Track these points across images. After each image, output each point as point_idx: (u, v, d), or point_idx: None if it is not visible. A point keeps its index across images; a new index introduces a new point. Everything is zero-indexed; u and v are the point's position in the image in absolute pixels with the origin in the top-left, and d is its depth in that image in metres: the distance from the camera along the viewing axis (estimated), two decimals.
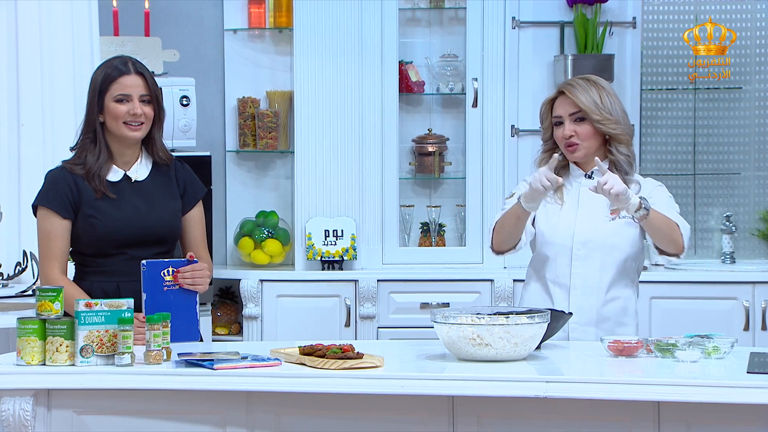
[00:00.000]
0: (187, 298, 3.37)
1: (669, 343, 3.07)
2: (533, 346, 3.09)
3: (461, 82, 5.45)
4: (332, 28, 5.29)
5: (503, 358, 3.03)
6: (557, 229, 3.50)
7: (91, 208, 3.38)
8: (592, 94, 3.47)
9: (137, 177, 3.44)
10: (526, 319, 3.03)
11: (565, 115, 3.49)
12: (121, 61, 3.42)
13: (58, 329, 2.98)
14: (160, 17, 5.48)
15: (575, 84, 3.51)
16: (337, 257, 5.30)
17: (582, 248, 3.47)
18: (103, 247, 3.39)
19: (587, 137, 3.48)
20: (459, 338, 3.03)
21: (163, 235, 3.43)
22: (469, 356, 3.05)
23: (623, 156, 3.48)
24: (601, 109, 3.46)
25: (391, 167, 5.34)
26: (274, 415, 2.97)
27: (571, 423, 2.88)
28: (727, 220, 5.48)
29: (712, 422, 2.83)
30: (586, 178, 3.52)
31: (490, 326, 3.00)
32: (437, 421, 2.92)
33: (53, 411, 2.98)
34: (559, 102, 3.52)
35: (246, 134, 5.54)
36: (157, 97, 3.42)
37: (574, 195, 3.52)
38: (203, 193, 3.54)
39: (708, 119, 5.58)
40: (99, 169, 3.38)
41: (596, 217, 3.47)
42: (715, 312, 5.10)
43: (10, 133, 4.91)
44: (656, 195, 3.50)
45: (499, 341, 3.01)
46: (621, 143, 3.48)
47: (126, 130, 3.38)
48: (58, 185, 3.39)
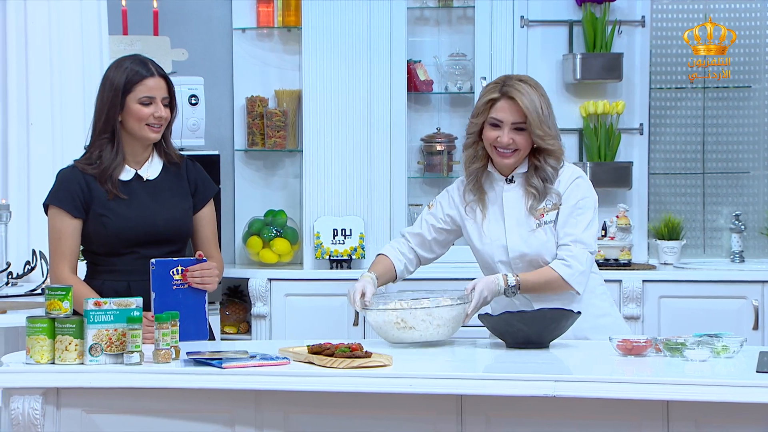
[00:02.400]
0: (196, 297, 3.37)
1: (678, 343, 3.06)
2: (456, 326, 3.24)
3: (470, 81, 5.45)
4: (341, 27, 5.29)
5: (427, 339, 3.22)
6: (492, 247, 3.46)
7: (103, 208, 3.38)
8: (536, 103, 3.35)
9: (148, 176, 3.44)
10: (447, 301, 3.21)
11: (506, 121, 3.38)
12: (140, 62, 3.41)
13: (68, 328, 2.98)
14: (168, 16, 5.49)
15: (523, 90, 3.36)
16: (346, 256, 5.30)
17: (519, 261, 3.44)
18: (114, 246, 3.39)
19: (524, 147, 3.40)
20: (385, 323, 3.22)
21: (173, 234, 3.43)
22: (396, 339, 3.22)
23: (551, 168, 3.42)
24: (543, 122, 3.36)
25: (400, 166, 5.34)
26: (282, 413, 2.97)
27: (579, 422, 2.88)
28: (736, 219, 5.47)
29: (721, 421, 2.82)
30: (507, 183, 3.47)
31: (413, 310, 3.20)
32: (446, 420, 2.92)
33: (62, 410, 2.98)
34: (503, 105, 3.39)
35: (254, 133, 5.54)
36: (174, 101, 3.45)
37: (497, 203, 3.47)
38: (214, 192, 3.54)
39: (717, 118, 5.56)
40: (113, 169, 3.39)
41: (523, 226, 3.43)
42: (724, 311, 5.09)
43: (20, 132, 4.91)
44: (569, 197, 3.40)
45: (422, 323, 3.20)
46: (552, 157, 3.41)
47: (148, 131, 3.39)
48: (69, 185, 3.39)
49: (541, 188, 3.42)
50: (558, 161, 3.43)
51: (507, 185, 3.47)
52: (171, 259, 3.35)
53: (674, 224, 5.42)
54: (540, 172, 3.42)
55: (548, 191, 3.42)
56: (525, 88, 3.38)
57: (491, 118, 3.40)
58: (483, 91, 3.48)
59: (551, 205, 3.43)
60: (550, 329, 3.20)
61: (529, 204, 3.42)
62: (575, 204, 3.42)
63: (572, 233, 3.40)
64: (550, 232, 3.43)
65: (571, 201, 3.42)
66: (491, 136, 3.41)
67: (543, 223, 3.42)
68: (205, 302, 3.38)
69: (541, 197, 3.42)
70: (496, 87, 3.42)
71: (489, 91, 3.43)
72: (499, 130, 3.39)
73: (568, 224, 3.41)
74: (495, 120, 3.40)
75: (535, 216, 3.41)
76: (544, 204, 3.43)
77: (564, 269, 3.37)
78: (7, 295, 4.41)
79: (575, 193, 3.42)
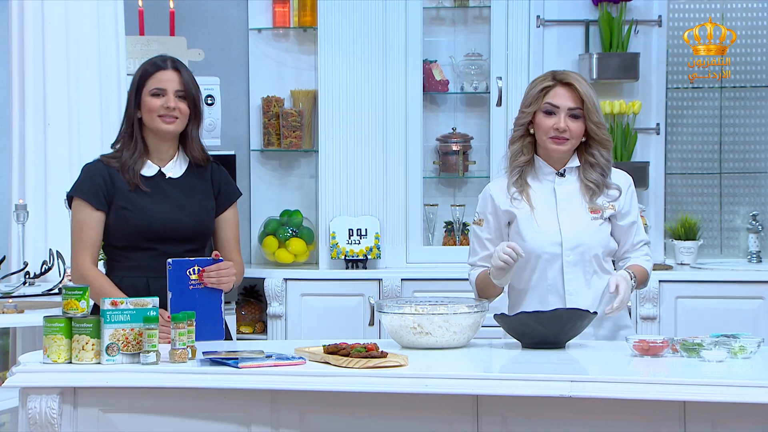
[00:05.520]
0: (212, 296, 3.37)
1: (695, 343, 3.05)
2: (472, 334, 3.21)
3: (485, 81, 5.45)
4: (356, 26, 5.29)
5: (443, 345, 3.17)
6: (543, 237, 3.42)
7: (125, 200, 3.40)
8: (591, 92, 3.40)
9: (171, 174, 3.46)
10: (465, 309, 3.17)
11: (563, 107, 3.39)
12: (160, 59, 3.48)
13: (84, 327, 2.99)
14: (185, 17, 5.51)
15: (577, 78, 3.41)
16: (361, 256, 5.31)
17: (571, 254, 3.42)
18: (135, 239, 3.40)
19: (578, 135, 3.41)
20: (401, 327, 3.18)
21: (194, 231, 3.44)
22: (410, 344, 3.18)
23: (605, 160, 3.44)
24: (597, 110, 3.40)
25: (415, 166, 5.34)
26: (298, 413, 2.98)
27: (596, 422, 2.87)
28: (753, 219, 5.45)
29: (738, 422, 2.81)
30: (558, 176, 3.46)
31: (430, 315, 3.15)
32: (462, 420, 2.92)
33: (79, 409, 2.99)
34: (559, 92, 3.40)
35: (270, 133, 5.55)
36: (193, 95, 3.45)
37: (548, 195, 3.46)
38: (237, 197, 3.55)
39: (734, 117, 5.55)
40: (134, 163, 3.42)
41: (578, 218, 3.43)
42: (741, 311, 5.07)
43: (37, 132, 4.93)
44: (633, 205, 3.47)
45: (439, 330, 3.16)
46: (604, 148, 3.43)
47: (160, 122, 3.41)
48: (93, 177, 3.42)
49: (600, 182, 3.43)
50: (609, 152, 3.45)
51: (558, 178, 3.46)
52: (188, 259, 3.35)
53: (691, 224, 5.41)
54: (596, 167, 3.44)
55: (607, 185, 3.43)
56: (579, 77, 3.43)
57: (546, 104, 3.40)
58: (531, 84, 3.49)
59: (609, 204, 3.44)
60: (567, 329, 3.20)
61: (588, 198, 3.43)
62: (637, 214, 3.51)
63: (642, 238, 3.51)
64: (604, 227, 3.45)
65: (634, 212, 3.49)
66: (546, 123, 3.40)
67: (600, 218, 3.43)
68: (221, 302, 3.39)
69: (600, 191, 3.44)
70: (548, 77, 3.44)
71: (540, 82, 3.44)
72: (555, 117, 3.39)
73: (638, 233, 3.50)
74: (550, 106, 3.40)
75: (593, 209, 3.42)
76: (602, 200, 3.44)
77: (648, 264, 3.50)
78: (24, 294, 4.43)
79: (635, 204, 3.51)
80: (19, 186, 4.94)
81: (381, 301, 3.29)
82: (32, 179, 4.92)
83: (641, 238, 3.51)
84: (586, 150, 3.45)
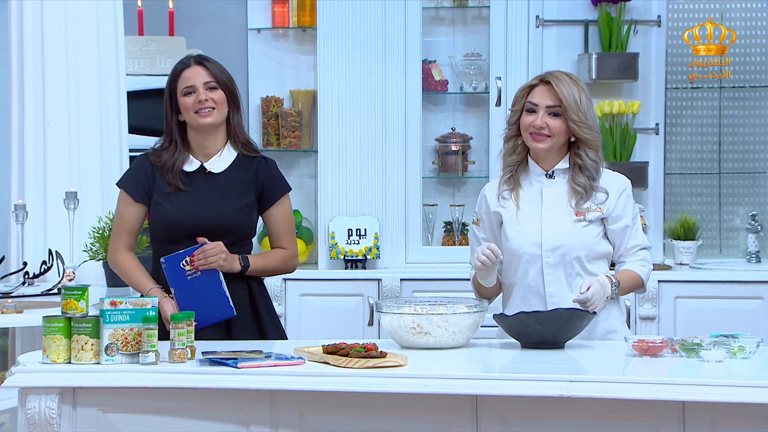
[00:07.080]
0: (210, 278, 3.45)
1: (694, 343, 3.06)
2: (472, 334, 3.22)
3: (485, 81, 5.45)
4: (356, 27, 5.29)
5: (442, 345, 3.18)
6: (524, 237, 3.43)
7: (161, 196, 3.52)
8: (573, 92, 3.40)
9: (213, 169, 3.53)
10: (464, 309, 3.18)
11: (542, 105, 3.41)
12: (185, 59, 3.57)
13: (84, 328, 2.99)
14: (184, 17, 5.51)
15: (560, 77, 3.43)
16: (361, 256, 5.31)
17: (551, 255, 3.42)
18: (170, 233, 3.50)
19: (558, 133, 3.41)
20: (400, 327, 3.19)
21: (223, 228, 3.50)
22: (410, 344, 3.19)
23: (591, 162, 3.42)
24: (579, 109, 3.39)
25: (415, 166, 5.34)
26: (298, 413, 2.98)
27: (595, 422, 2.88)
28: (752, 219, 5.45)
29: (737, 422, 2.81)
30: (547, 178, 3.46)
31: (429, 315, 3.16)
32: (461, 420, 2.92)
33: (78, 409, 2.99)
34: (539, 90, 3.43)
35: (269, 133, 5.55)
36: (225, 83, 3.52)
37: (535, 196, 3.46)
38: (285, 192, 3.62)
39: (733, 117, 5.55)
40: (173, 163, 3.51)
41: (561, 220, 3.43)
42: (740, 311, 5.07)
43: (36, 132, 4.93)
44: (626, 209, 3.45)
45: (438, 330, 3.17)
46: (590, 148, 3.42)
47: (198, 117, 3.50)
48: (137, 171, 3.57)
49: (588, 186, 3.43)
50: (597, 153, 3.44)
51: (547, 180, 3.47)
52: (177, 253, 3.44)
53: (690, 224, 5.41)
54: (585, 170, 3.43)
55: (595, 189, 3.43)
56: (564, 77, 3.44)
57: (527, 103, 3.44)
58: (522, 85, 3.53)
59: (596, 207, 3.43)
60: (566, 329, 3.20)
61: (574, 202, 3.43)
62: (632, 218, 3.48)
63: (638, 243, 3.48)
64: (589, 230, 3.43)
65: (629, 217, 3.46)
66: (527, 121, 3.43)
67: (584, 221, 3.42)
68: (221, 281, 3.46)
69: (587, 195, 3.43)
70: (536, 77, 3.49)
71: (528, 82, 3.50)
72: (535, 115, 3.42)
73: (632, 237, 3.47)
74: (531, 104, 3.43)
75: (578, 212, 3.41)
76: (590, 203, 3.43)
77: (642, 269, 3.46)
78: (23, 294, 4.43)
79: (629, 208, 3.47)
80: (19, 186, 4.94)
81: (380, 301, 3.29)
82: (31, 179, 4.92)
83: (637, 242, 3.47)
84: (574, 151, 3.45)
